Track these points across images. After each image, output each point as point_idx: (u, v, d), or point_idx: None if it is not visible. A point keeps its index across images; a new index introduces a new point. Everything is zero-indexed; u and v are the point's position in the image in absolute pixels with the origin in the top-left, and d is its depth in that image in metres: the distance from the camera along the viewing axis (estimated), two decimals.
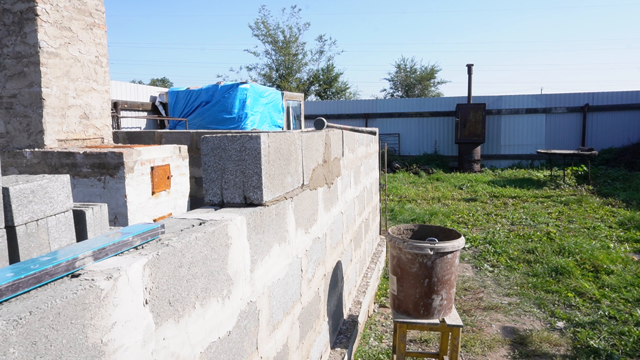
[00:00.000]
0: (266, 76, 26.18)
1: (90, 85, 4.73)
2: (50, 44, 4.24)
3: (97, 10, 4.79)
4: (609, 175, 12.48)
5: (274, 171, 1.88)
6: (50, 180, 1.97)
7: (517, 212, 8.77)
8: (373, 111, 17.48)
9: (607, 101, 15.33)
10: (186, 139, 6.00)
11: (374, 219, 5.78)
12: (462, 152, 15.31)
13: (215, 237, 1.39)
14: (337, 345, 3.21)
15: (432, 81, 30.22)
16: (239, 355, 1.56)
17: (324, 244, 2.87)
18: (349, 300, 3.87)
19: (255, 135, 1.75)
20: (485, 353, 3.58)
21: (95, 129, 4.85)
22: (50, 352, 0.80)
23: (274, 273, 1.91)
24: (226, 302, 1.46)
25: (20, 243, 1.83)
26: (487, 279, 5.23)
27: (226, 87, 10.95)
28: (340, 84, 28.29)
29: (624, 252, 5.97)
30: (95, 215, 2.22)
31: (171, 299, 1.17)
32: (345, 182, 3.67)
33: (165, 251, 1.14)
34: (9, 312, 0.76)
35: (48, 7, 4.20)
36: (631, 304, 4.33)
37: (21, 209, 1.82)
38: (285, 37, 25.53)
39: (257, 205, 1.77)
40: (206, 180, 1.81)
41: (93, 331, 0.89)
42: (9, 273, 0.85)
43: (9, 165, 4.13)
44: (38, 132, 4.22)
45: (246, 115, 10.76)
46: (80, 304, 0.86)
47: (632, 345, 3.56)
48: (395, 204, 9.76)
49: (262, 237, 1.76)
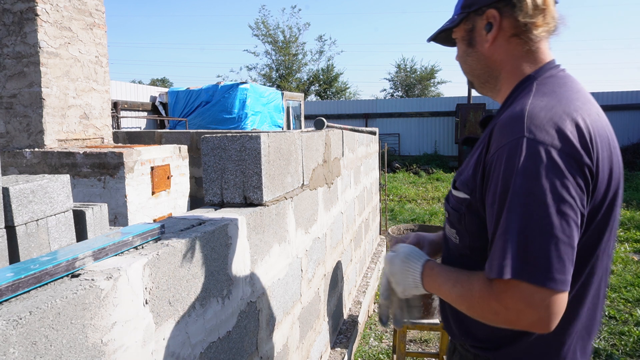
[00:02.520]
0: (266, 76, 26.18)
1: (90, 85, 4.73)
2: (50, 44, 4.24)
3: (97, 10, 4.79)
4: None
5: (274, 171, 1.88)
6: (50, 180, 1.97)
7: None
8: (373, 111, 17.47)
9: (607, 101, 15.33)
10: (186, 139, 6.00)
11: (374, 219, 5.78)
12: (462, 152, 15.31)
13: (215, 237, 1.39)
14: (337, 345, 3.21)
15: (432, 81, 30.23)
16: (239, 355, 1.56)
17: (324, 244, 2.87)
18: (349, 300, 3.87)
19: (255, 135, 1.75)
20: None
21: (95, 129, 4.85)
22: (50, 352, 0.80)
23: (274, 273, 1.91)
24: (226, 302, 1.46)
25: (20, 243, 1.83)
26: None
27: (226, 87, 10.95)
28: (340, 84, 28.30)
29: (624, 252, 5.97)
30: (95, 215, 2.22)
31: (171, 299, 1.17)
32: (345, 182, 3.67)
33: (165, 251, 1.14)
34: (9, 312, 0.76)
35: (48, 7, 4.20)
36: (631, 304, 4.33)
37: (21, 209, 1.82)
38: (285, 37, 25.53)
39: (257, 205, 1.77)
40: (206, 180, 1.81)
41: (93, 331, 0.89)
42: (9, 273, 0.85)
43: (9, 165, 4.14)
44: (38, 132, 4.22)
45: (246, 115, 10.76)
46: (80, 304, 0.86)
47: (632, 345, 3.56)
48: (395, 204, 9.76)
49: (262, 237, 1.76)
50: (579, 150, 0.92)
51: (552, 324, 0.90)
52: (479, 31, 1.13)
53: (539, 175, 0.89)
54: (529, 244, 0.88)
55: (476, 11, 1.11)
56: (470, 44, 1.16)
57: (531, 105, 0.98)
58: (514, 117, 0.97)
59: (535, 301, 0.88)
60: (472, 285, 1.01)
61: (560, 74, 1.07)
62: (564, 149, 0.91)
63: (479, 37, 1.13)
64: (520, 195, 0.90)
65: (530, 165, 0.90)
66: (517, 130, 0.94)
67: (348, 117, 17.22)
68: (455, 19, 1.17)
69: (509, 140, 0.94)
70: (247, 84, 11.10)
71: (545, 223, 0.88)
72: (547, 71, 1.07)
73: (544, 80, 1.05)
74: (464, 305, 1.03)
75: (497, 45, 1.11)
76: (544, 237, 0.88)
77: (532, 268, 0.88)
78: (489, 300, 0.94)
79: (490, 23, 1.10)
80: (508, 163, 0.93)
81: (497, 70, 1.14)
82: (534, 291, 0.88)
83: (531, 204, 0.89)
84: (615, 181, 1.00)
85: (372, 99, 19.80)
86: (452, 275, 1.08)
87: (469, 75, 1.22)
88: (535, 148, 0.90)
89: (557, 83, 1.04)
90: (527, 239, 0.89)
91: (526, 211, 0.89)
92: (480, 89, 1.23)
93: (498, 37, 1.10)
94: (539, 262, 0.87)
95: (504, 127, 0.98)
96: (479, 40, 1.13)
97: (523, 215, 0.89)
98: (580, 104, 1.00)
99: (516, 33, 1.08)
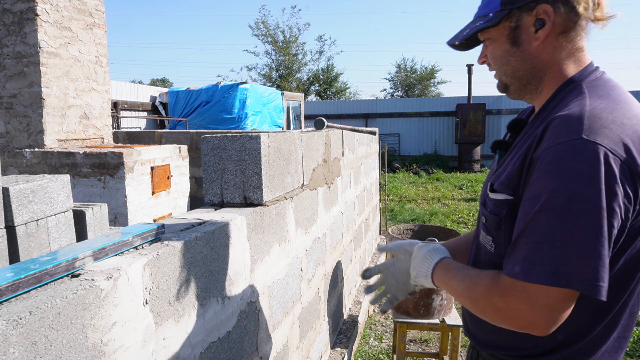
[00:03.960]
0: (266, 76, 26.18)
1: (90, 85, 4.73)
2: (50, 44, 4.24)
3: (97, 10, 4.79)
4: None
5: (274, 171, 1.88)
6: (50, 180, 1.97)
7: None
8: (373, 111, 17.47)
9: None
10: (186, 139, 6.00)
11: (374, 218, 5.78)
12: (462, 152, 15.31)
13: (215, 237, 1.39)
14: (337, 345, 3.21)
15: (432, 81, 30.23)
16: (239, 355, 1.56)
17: (324, 244, 2.87)
18: (349, 300, 3.87)
19: (255, 135, 1.75)
20: None
21: (95, 129, 4.85)
22: (50, 352, 0.80)
23: (274, 273, 1.91)
24: (226, 302, 1.46)
25: (20, 243, 1.82)
26: None
27: (226, 87, 10.95)
28: (340, 84, 28.30)
29: None
30: (95, 215, 2.22)
31: (171, 299, 1.17)
32: (345, 182, 3.67)
33: (165, 251, 1.14)
34: (9, 312, 0.76)
35: (48, 7, 4.20)
36: None
37: (21, 209, 1.82)
38: (285, 37, 25.53)
39: (257, 205, 1.77)
40: (206, 180, 1.81)
41: (93, 331, 0.89)
42: (9, 273, 0.85)
43: (9, 165, 4.13)
44: (38, 132, 4.22)
45: (246, 115, 10.76)
46: (80, 304, 0.86)
47: (632, 345, 3.56)
48: (395, 204, 9.76)
49: (262, 237, 1.76)
50: (636, 159, 0.89)
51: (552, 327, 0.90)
52: (526, 29, 1.05)
53: (590, 179, 0.86)
54: (564, 247, 0.86)
55: (523, 7, 1.04)
56: (515, 42, 1.07)
57: (590, 107, 0.94)
58: (572, 118, 0.92)
59: (549, 302, 0.88)
60: (480, 280, 1.01)
61: (605, 77, 1.05)
62: (621, 156, 0.88)
63: (525, 35, 1.05)
64: (564, 196, 0.87)
65: (583, 168, 0.87)
66: (574, 131, 0.90)
67: (348, 117, 17.22)
68: (492, 17, 1.07)
69: (564, 140, 0.90)
70: (247, 84, 11.09)
71: (587, 229, 0.85)
72: (592, 73, 1.04)
73: (593, 82, 1.02)
74: (468, 299, 1.03)
75: (546, 44, 1.05)
76: (581, 242, 0.86)
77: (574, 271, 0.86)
78: (492, 295, 0.95)
79: (542, 19, 1.02)
80: (560, 162, 0.89)
81: (543, 71, 1.07)
82: (548, 292, 0.87)
83: (575, 207, 0.86)
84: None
85: (372, 99, 19.80)
86: (463, 271, 1.09)
87: (508, 78, 1.13)
88: (594, 151, 0.87)
89: (608, 86, 1.02)
90: (562, 242, 0.86)
91: (568, 213, 0.86)
92: (518, 91, 1.14)
93: (550, 34, 1.04)
94: (575, 265, 0.86)
95: (559, 127, 0.93)
96: (525, 38, 1.06)
97: (563, 216, 0.87)
98: (637, 110, 0.98)
99: (564, 30, 1.03)
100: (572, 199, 0.86)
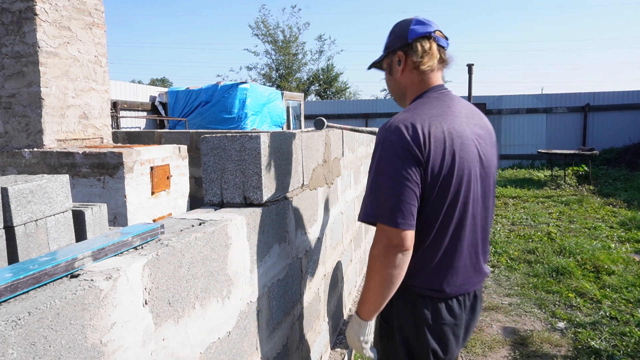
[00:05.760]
0: (266, 76, 26.18)
1: (89, 85, 4.72)
2: (49, 43, 4.23)
3: (96, 9, 4.79)
4: (610, 175, 12.46)
5: (273, 171, 1.88)
6: (50, 181, 1.96)
7: (518, 212, 8.77)
8: (373, 111, 17.46)
9: (608, 101, 15.31)
10: (186, 139, 5.99)
11: None
12: None
13: (215, 237, 1.39)
14: (337, 346, 3.20)
15: None
16: (238, 355, 1.55)
17: (324, 244, 2.86)
18: (349, 301, 3.86)
19: (255, 135, 1.74)
20: (486, 353, 3.57)
21: (95, 128, 4.84)
22: (50, 352, 0.79)
23: (274, 273, 1.91)
24: (226, 302, 1.46)
25: (19, 243, 1.82)
26: (487, 280, 5.23)
27: (226, 87, 10.94)
28: (340, 84, 28.29)
29: (625, 253, 5.96)
30: (94, 215, 2.22)
31: (171, 300, 1.16)
32: (345, 182, 3.67)
33: (164, 251, 1.14)
34: (8, 312, 0.75)
35: (47, 7, 4.20)
36: (632, 305, 4.33)
37: (20, 209, 1.82)
38: (285, 37, 25.53)
39: (257, 205, 1.76)
40: (206, 180, 1.80)
41: (92, 332, 0.89)
42: (8, 273, 0.84)
43: (7, 165, 4.13)
44: (37, 132, 4.22)
45: (246, 115, 10.75)
46: (80, 305, 0.86)
47: (634, 346, 3.55)
48: None
49: (262, 237, 1.75)
50: (411, 144, 1.44)
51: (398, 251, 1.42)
52: (394, 64, 1.68)
53: (386, 160, 1.45)
54: (380, 199, 1.45)
55: (393, 52, 1.66)
56: (390, 72, 1.72)
57: (393, 118, 1.53)
58: (385, 125, 1.54)
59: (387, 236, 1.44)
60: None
61: (435, 95, 1.61)
62: (401, 144, 1.44)
63: (394, 69, 1.69)
64: (377, 172, 1.47)
65: (384, 154, 1.47)
66: (381, 133, 1.52)
67: (348, 117, 17.22)
68: (381, 55, 1.74)
69: (378, 138, 1.52)
70: (247, 83, 11.08)
71: (388, 187, 1.43)
72: (429, 92, 1.62)
73: (424, 99, 1.60)
74: (376, 278, 1.46)
75: (404, 75, 1.66)
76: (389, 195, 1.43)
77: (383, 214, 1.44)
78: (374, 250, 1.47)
79: (400, 60, 1.65)
80: (375, 152, 1.51)
81: (404, 91, 1.69)
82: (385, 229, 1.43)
83: (381, 176, 1.46)
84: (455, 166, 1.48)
85: (372, 99, 19.79)
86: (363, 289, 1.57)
87: (391, 93, 1.78)
88: (387, 144, 1.47)
89: (424, 101, 1.58)
90: (379, 197, 1.45)
91: (379, 180, 1.46)
92: (399, 102, 1.77)
93: (405, 69, 1.65)
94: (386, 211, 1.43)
95: (379, 130, 1.54)
96: (394, 70, 1.69)
97: (378, 182, 1.46)
98: (433, 115, 1.50)
99: (415, 67, 1.62)
100: (379, 173, 1.47)
